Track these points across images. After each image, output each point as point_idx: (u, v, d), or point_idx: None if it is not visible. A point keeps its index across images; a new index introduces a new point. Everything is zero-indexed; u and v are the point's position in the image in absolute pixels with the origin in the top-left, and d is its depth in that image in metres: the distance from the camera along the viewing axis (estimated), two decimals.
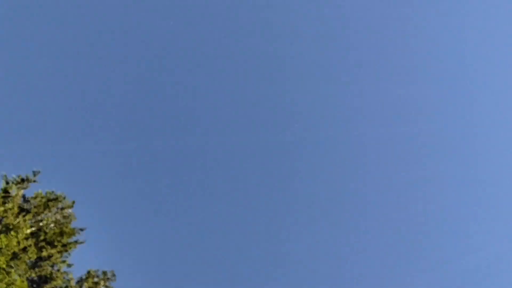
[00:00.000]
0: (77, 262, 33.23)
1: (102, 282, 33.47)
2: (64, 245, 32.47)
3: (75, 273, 33.01)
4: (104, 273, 33.83)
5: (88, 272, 33.44)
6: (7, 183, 31.47)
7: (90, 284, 33.01)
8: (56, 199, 32.82)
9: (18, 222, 30.59)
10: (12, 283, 29.19)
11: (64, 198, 33.18)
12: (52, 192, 32.91)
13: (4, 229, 30.28)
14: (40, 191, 32.49)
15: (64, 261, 32.47)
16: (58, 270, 32.08)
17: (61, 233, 32.46)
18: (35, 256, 31.15)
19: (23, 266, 30.32)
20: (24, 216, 31.19)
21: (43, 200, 32.35)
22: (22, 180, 31.82)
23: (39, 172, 32.33)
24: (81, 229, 33.40)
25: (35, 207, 32.09)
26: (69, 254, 32.71)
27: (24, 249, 30.65)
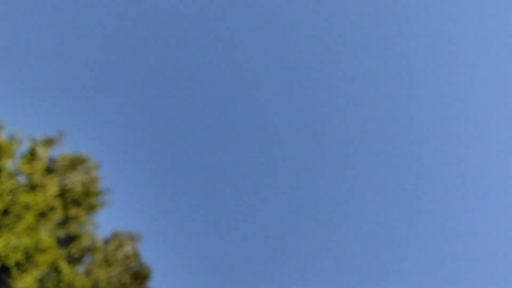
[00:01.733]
0: (103, 222, 33.55)
1: (128, 243, 33.74)
2: (90, 206, 32.76)
3: (102, 234, 33.35)
4: (130, 234, 34.11)
5: (114, 233, 33.74)
6: (34, 143, 31.80)
7: (116, 244, 33.29)
8: (81, 161, 33.08)
9: (45, 182, 30.92)
10: (40, 241, 29.58)
11: (90, 159, 33.43)
12: (78, 153, 33.18)
13: (31, 188, 30.65)
14: (66, 152, 32.77)
15: (90, 221, 32.78)
16: (85, 230, 32.39)
17: (87, 194, 32.74)
18: (61, 215, 31.49)
19: (51, 225, 30.69)
20: (50, 176, 31.52)
21: (69, 161, 32.62)
22: (48, 141, 32.12)
23: (64, 132, 32.61)
24: (107, 190, 33.66)
25: (61, 167, 32.38)
26: (95, 214, 33.03)
27: (51, 208, 31.00)
